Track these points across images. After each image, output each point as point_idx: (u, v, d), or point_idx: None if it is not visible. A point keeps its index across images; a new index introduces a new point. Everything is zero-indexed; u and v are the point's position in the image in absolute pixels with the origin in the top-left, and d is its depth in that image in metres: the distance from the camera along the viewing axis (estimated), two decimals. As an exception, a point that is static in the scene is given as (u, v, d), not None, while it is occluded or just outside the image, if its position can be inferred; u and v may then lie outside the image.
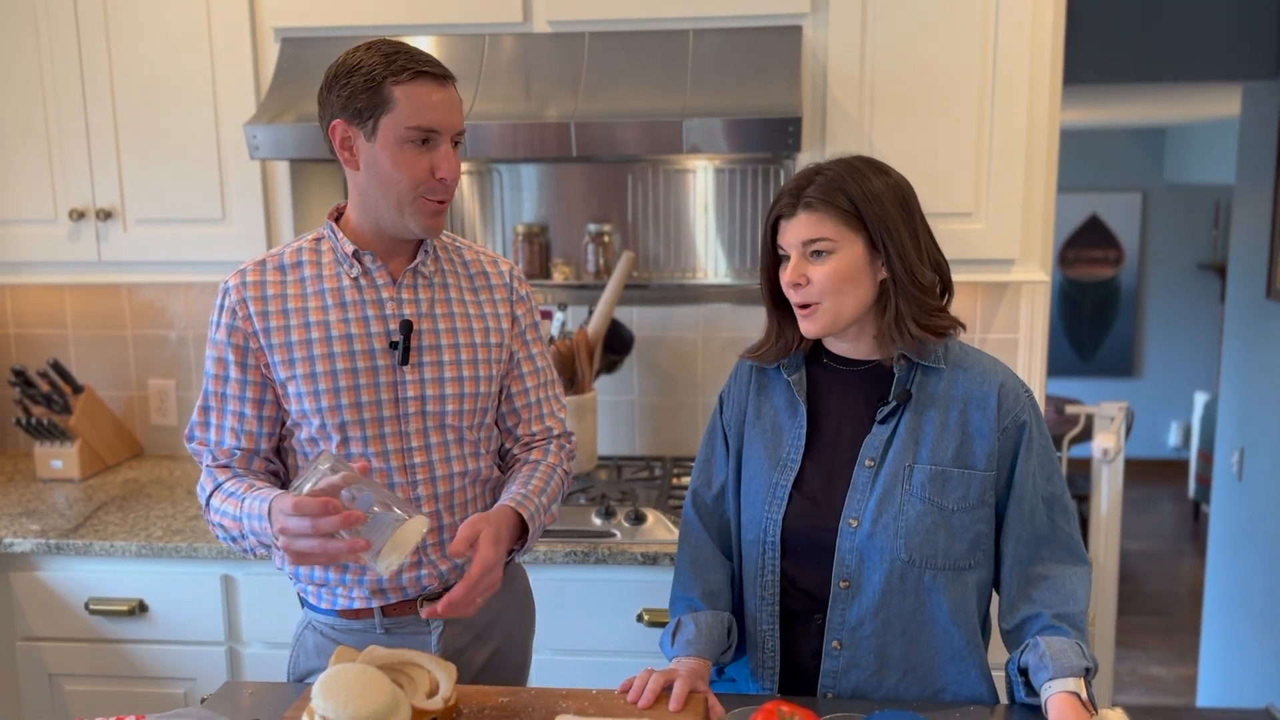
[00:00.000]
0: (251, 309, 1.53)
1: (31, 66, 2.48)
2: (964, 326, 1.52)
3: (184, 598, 2.29)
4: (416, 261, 1.58)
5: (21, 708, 2.38)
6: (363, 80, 1.45)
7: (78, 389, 2.78)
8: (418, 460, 1.57)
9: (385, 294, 1.56)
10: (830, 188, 1.45)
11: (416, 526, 1.36)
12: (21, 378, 2.69)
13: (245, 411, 1.56)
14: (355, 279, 1.55)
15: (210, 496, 1.55)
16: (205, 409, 1.58)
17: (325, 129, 1.51)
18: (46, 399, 2.71)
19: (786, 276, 1.47)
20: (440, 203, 1.51)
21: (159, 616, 2.31)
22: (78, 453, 2.73)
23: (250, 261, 1.58)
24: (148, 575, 2.30)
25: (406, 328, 1.54)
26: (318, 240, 1.59)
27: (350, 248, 1.55)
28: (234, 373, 1.55)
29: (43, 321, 2.95)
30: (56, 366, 2.75)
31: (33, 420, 2.68)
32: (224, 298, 1.55)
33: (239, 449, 1.57)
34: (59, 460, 2.73)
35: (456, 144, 1.52)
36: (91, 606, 2.30)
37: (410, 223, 1.51)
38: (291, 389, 1.53)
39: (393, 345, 1.54)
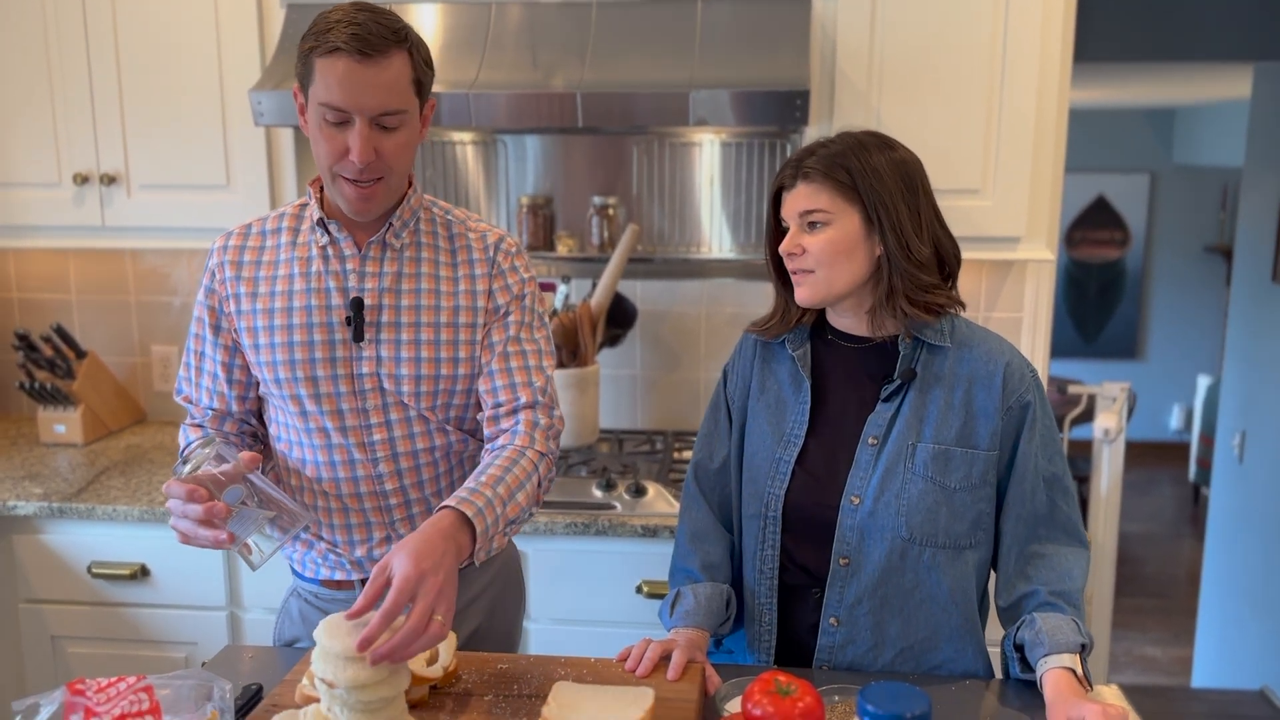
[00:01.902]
0: (228, 273, 1.53)
1: (36, 31, 2.47)
2: (963, 306, 1.51)
3: (185, 563, 2.30)
4: (383, 232, 1.50)
5: (24, 669, 2.40)
6: (303, 49, 1.40)
7: (81, 354, 2.79)
8: (377, 437, 1.53)
9: (349, 265, 1.50)
10: (830, 160, 1.45)
11: (293, 522, 1.38)
12: (25, 342, 2.69)
13: (217, 373, 1.57)
14: (323, 248, 1.51)
15: (182, 453, 1.57)
16: (187, 365, 1.60)
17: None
18: (50, 363, 2.71)
19: (783, 246, 1.48)
20: (362, 184, 1.42)
21: (161, 581, 2.32)
22: (81, 417, 2.73)
23: (239, 225, 1.57)
24: (150, 540, 2.31)
25: (357, 305, 1.49)
26: (303, 206, 1.56)
27: (317, 214, 1.50)
28: (208, 334, 1.57)
29: (47, 286, 2.95)
30: (60, 331, 2.75)
31: (36, 384, 2.68)
32: (209, 259, 1.57)
33: (212, 409, 1.59)
34: (62, 425, 2.74)
35: (388, 127, 1.40)
36: (94, 570, 2.32)
37: (338, 199, 1.45)
38: (253, 357, 1.53)
39: (347, 320, 1.50)
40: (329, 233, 1.51)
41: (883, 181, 1.44)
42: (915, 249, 1.45)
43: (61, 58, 2.47)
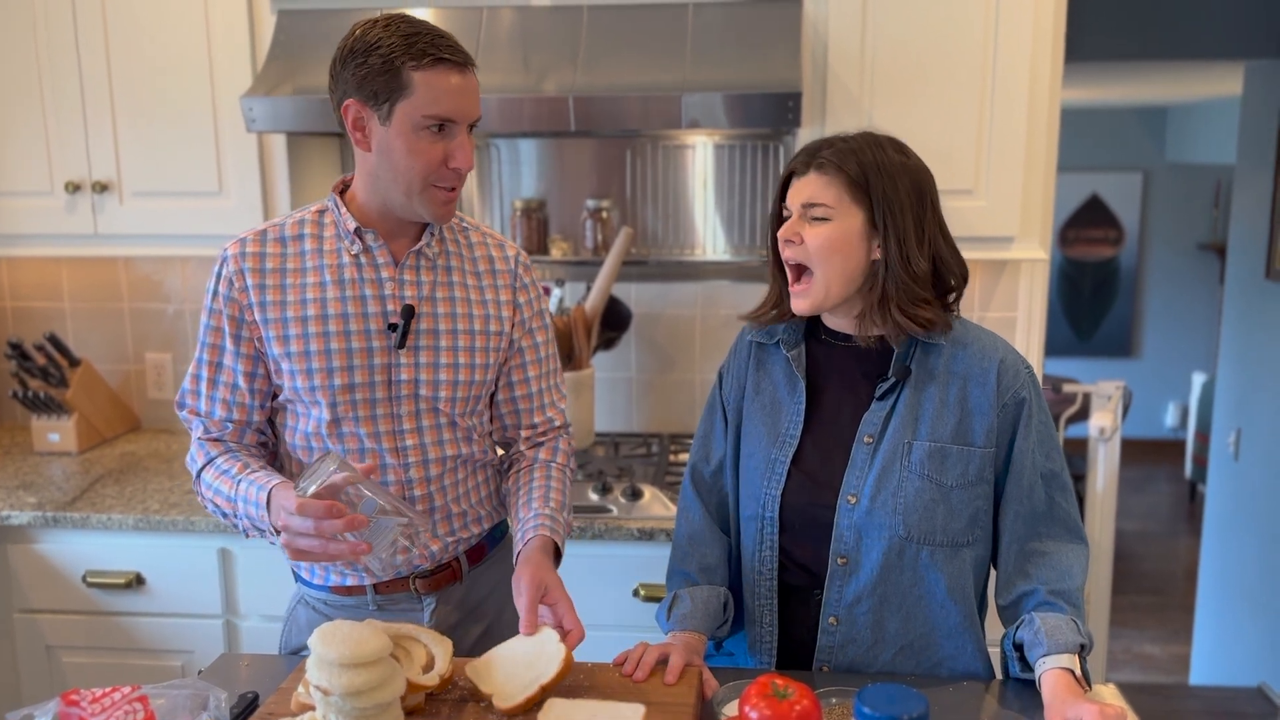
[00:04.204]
0: (249, 280, 1.50)
1: (27, 38, 2.46)
2: (950, 327, 1.49)
3: (181, 571, 2.30)
4: (421, 244, 1.54)
5: (19, 679, 2.39)
6: (380, 62, 1.39)
7: (75, 362, 2.78)
8: (409, 443, 1.55)
9: (385, 274, 1.52)
10: (845, 154, 1.44)
11: (416, 529, 1.39)
12: (18, 351, 2.68)
13: (238, 384, 1.54)
14: (355, 256, 1.52)
15: (202, 470, 1.53)
16: (197, 377, 1.55)
17: (336, 106, 1.46)
18: (43, 372, 2.70)
19: (781, 232, 1.48)
20: (451, 190, 1.47)
21: (156, 589, 2.31)
22: (75, 426, 2.72)
23: (251, 231, 1.54)
24: (145, 548, 2.30)
25: (408, 312, 1.51)
26: (320, 212, 1.55)
27: (352, 224, 1.51)
28: (228, 344, 1.52)
29: (39, 294, 2.95)
30: (53, 339, 2.74)
31: (29, 393, 2.68)
32: (222, 266, 1.52)
33: (230, 421, 1.55)
34: (56, 433, 2.73)
35: (471, 129, 1.48)
36: (89, 579, 2.31)
37: (421, 209, 1.48)
38: (285, 365, 1.51)
39: (391, 327, 1.51)
40: (363, 242, 1.52)
41: (896, 188, 1.43)
42: (914, 261, 1.44)
43: (52, 65, 2.47)
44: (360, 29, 1.43)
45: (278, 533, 1.38)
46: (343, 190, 1.55)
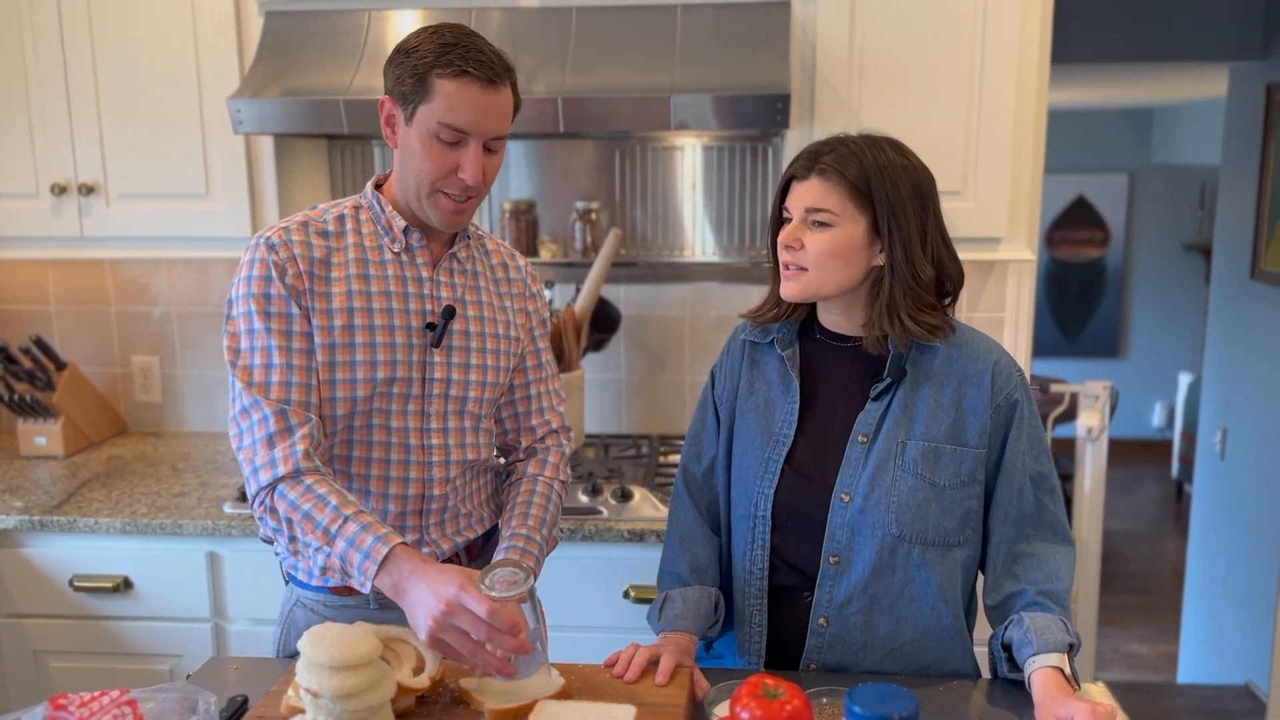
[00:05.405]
0: (300, 267, 1.49)
1: (13, 39, 2.45)
2: (952, 330, 1.50)
3: (169, 574, 2.29)
4: (456, 247, 1.58)
5: (6, 684, 2.38)
6: (413, 65, 1.43)
7: (61, 365, 2.77)
8: (435, 442, 1.56)
9: (425, 273, 1.55)
10: (847, 159, 1.44)
11: (552, 682, 1.39)
12: (4, 354, 2.67)
13: (312, 362, 1.48)
14: (397, 254, 1.54)
15: (281, 481, 1.42)
16: (268, 365, 1.46)
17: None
18: (29, 375, 2.69)
19: (782, 237, 1.48)
20: (460, 200, 1.48)
21: (144, 593, 2.30)
22: (61, 429, 2.71)
23: (290, 221, 1.52)
24: (132, 552, 2.29)
25: (449, 313, 1.54)
26: (356, 208, 1.57)
27: (401, 223, 1.53)
28: (297, 326, 1.48)
29: (25, 297, 2.93)
30: (39, 342, 2.73)
31: (15, 396, 2.66)
32: (271, 253, 1.47)
33: (308, 405, 1.47)
34: (42, 437, 2.71)
35: (492, 150, 1.48)
36: (76, 583, 2.29)
37: (430, 213, 1.50)
38: (323, 357, 1.49)
39: (429, 326, 1.54)
40: (408, 241, 1.54)
41: (899, 194, 1.43)
42: (919, 267, 1.44)
43: (38, 67, 2.45)
44: (415, 31, 1.47)
45: (375, 592, 1.39)
46: (378, 186, 1.58)
